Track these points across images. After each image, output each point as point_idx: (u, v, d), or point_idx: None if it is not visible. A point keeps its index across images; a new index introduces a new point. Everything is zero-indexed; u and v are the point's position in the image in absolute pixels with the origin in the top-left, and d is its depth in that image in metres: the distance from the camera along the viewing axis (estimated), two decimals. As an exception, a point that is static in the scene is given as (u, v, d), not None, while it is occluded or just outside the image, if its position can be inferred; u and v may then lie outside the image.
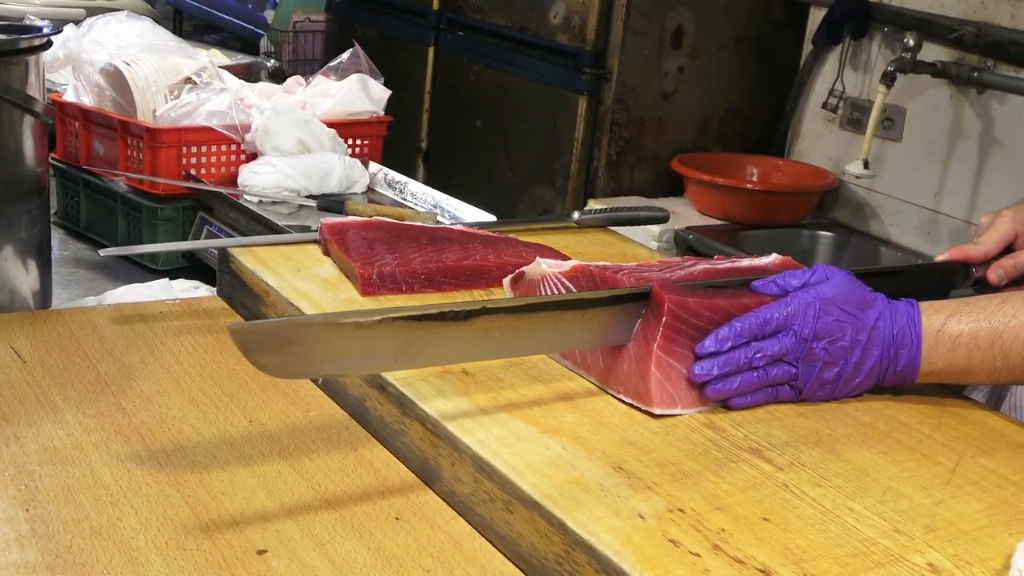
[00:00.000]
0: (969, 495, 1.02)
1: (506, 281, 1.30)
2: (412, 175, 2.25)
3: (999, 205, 2.62)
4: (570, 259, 1.36)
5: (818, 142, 3.04)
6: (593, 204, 2.89)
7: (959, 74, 2.61)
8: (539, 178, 3.15)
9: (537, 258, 1.26)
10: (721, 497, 0.97)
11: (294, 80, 2.20)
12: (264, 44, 4.51)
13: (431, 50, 3.56)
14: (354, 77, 2.11)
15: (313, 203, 1.84)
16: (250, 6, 5.31)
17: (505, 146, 3.27)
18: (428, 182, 2.27)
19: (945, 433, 1.14)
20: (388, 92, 2.14)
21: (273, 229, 1.78)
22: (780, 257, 1.33)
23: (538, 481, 0.96)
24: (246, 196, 1.86)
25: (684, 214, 2.91)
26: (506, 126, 3.26)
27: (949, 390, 1.26)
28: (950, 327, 1.14)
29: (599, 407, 1.12)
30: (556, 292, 1.22)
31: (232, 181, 1.93)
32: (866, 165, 2.60)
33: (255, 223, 1.83)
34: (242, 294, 1.42)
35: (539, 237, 1.63)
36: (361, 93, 2.09)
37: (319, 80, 2.14)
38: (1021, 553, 0.86)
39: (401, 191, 1.99)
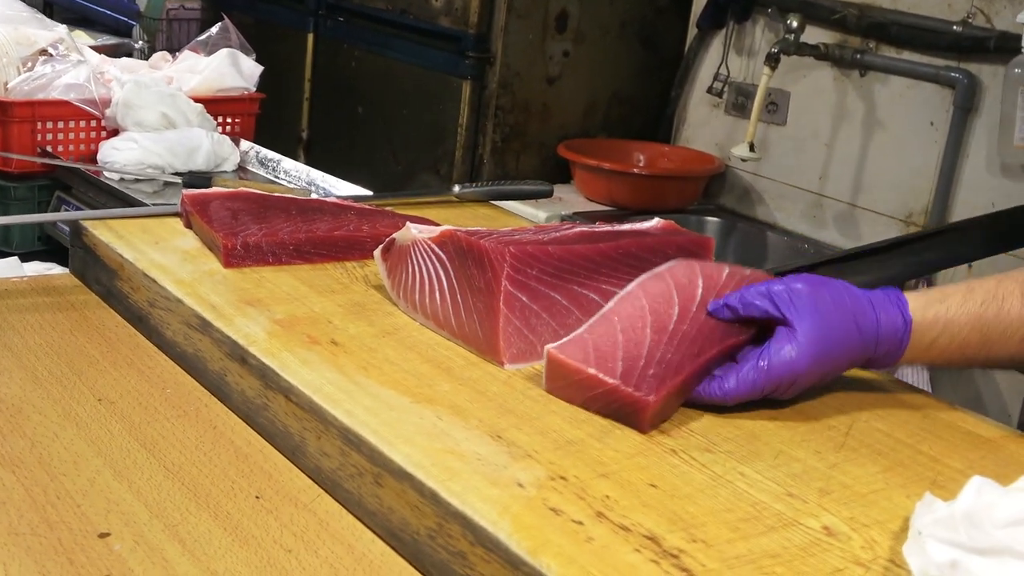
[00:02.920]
0: (864, 458, 0.97)
1: (377, 252, 1.22)
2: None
3: (883, 188, 2.64)
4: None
5: (704, 127, 3.01)
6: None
7: (842, 56, 2.61)
8: (423, 165, 3.07)
9: (407, 223, 1.19)
10: (606, 464, 0.91)
11: (160, 56, 2.10)
12: (136, 33, 4.34)
13: (310, 36, 3.45)
14: (223, 52, 2.02)
15: (179, 180, 1.74)
16: (120, -6, 5.13)
17: (388, 133, 3.18)
18: (310, 170, 2.18)
19: (837, 398, 1.09)
20: (260, 68, 2.05)
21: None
22: (662, 221, 1.28)
23: (409, 451, 0.89)
24: (107, 173, 1.75)
25: (571, 200, 2.86)
26: (389, 113, 3.18)
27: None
28: (941, 342, 1.05)
29: (477, 376, 1.05)
30: (426, 259, 1.15)
31: (92, 158, 1.82)
32: (752, 148, 2.57)
33: (117, 201, 1.72)
34: (95, 269, 1.32)
35: (419, 211, 1.56)
36: (231, 68, 2.00)
37: (187, 55, 2.04)
38: (920, 513, 0.82)
39: (274, 169, 1.90)
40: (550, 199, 2.83)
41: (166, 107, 1.81)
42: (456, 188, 1.62)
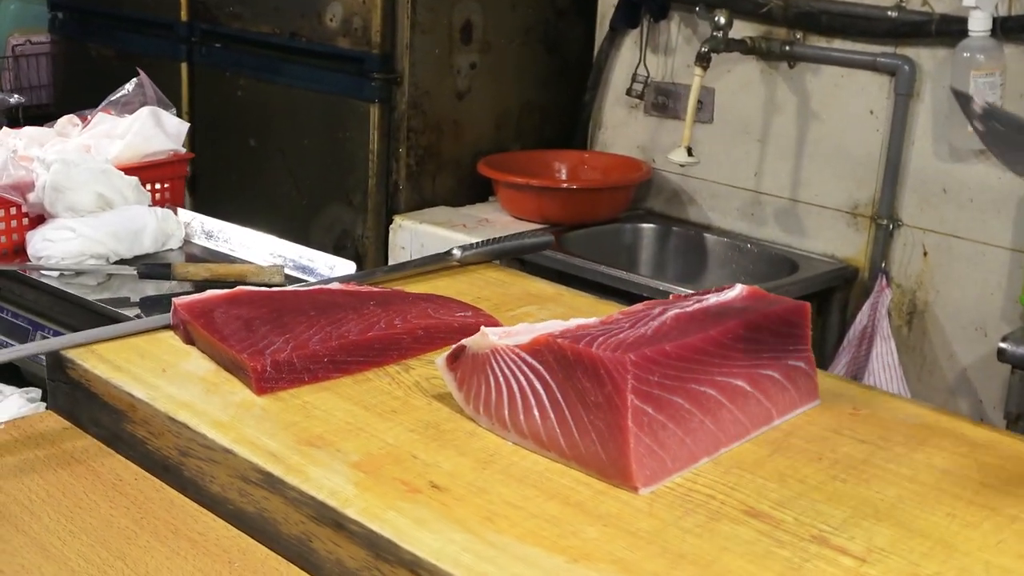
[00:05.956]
0: (1067, 556, 0.87)
1: (440, 361, 1.06)
2: (179, 205, 1.96)
3: (823, 179, 2.57)
4: (496, 321, 1.15)
5: (623, 130, 2.90)
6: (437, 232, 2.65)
7: (770, 49, 2.53)
8: (333, 197, 2.88)
9: (483, 328, 1.03)
10: (825, 617, 0.77)
11: (67, 120, 1.86)
12: (-21, 74, 3.99)
13: (184, 66, 3.21)
14: (145, 111, 1.80)
15: (131, 270, 1.53)
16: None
17: (288, 166, 2.97)
18: (200, 211, 1.95)
19: (990, 474, 0.99)
20: (186, 125, 1.85)
21: (85, 307, 1.47)
22: (746, 288, 1.15)
23: (604, 637, 0.74)
24: (42, 270, 1.53)
25: (498, 220, 2.72)
26: (286, 143, 2.97)
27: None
28: None
29: (616, 510, 0.90)
30: (515, 370, 1.00)
31: (18, 252, 1.59)
32: (690, 152, 2.47)
33: (59, 301, 1.51)
34: (92, 409, 1.12)
35: (424, 283, 1.40)
36: (156, 129, 1.79)
37: (100, 118, 1.82)
38: None
39: (227, 241, 1.70)
40: (479, 223, 2.69)
41: (101, 186, 1.58)
42: (457, 252, 1.46)
